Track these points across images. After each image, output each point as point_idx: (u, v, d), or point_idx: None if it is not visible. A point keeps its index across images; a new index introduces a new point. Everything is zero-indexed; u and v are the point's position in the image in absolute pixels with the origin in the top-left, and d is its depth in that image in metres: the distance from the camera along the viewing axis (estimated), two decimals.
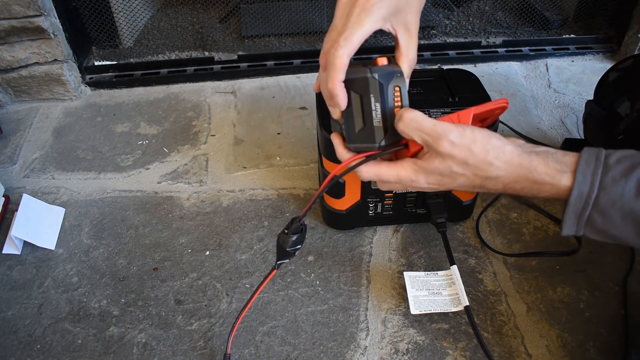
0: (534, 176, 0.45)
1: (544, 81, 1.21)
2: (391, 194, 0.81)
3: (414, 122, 0.46)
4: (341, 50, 0.48)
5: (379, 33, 1.28)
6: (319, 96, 0.81)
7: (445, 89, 0.79)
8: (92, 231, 0.89)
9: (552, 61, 1.27)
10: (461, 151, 0.45)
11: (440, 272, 0.77)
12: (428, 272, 0.77)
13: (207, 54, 1.26)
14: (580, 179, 0.43)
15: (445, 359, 0.70)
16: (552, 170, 0.44)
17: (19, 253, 0.86)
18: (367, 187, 0.79)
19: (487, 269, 0.82)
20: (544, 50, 1.28)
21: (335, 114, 0.53)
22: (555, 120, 1.10)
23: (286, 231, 0.59)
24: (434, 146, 0.46)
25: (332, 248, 0.85)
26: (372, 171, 0.51)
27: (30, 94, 1.18)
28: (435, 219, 0.80)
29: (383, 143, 0.51)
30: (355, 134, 0.52)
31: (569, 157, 0.45)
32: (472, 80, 0.82)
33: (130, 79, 1.23)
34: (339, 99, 0.50)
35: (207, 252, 0.85)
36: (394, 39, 0.52)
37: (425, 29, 1.29)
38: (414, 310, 0.72)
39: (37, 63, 1.12)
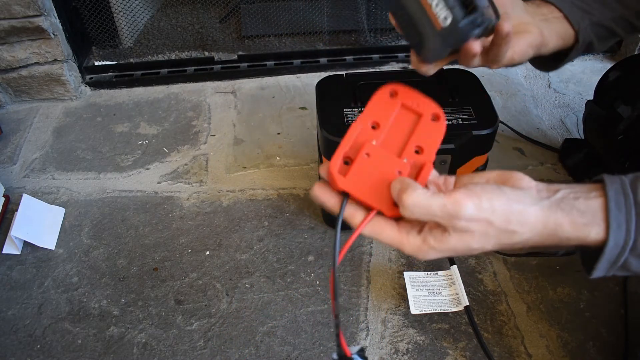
0: (560, 235, 0.41)
1: (544, 81, 1.21)
2: None
3: (419, 208, 0.39)
4: None
5: (379, 33, 1.28)
6: (319, 95, 0.82)
7: (445, 89, 0.79)
8: (92, 231, 0.89)
9: None
10: (480, 226, 0.40)
11: (440, 272, 0.77)
12: (428, 272, 0.77)
13: (207, 54, 1.26)
14: (615, 227, 0.40)
15: (445, 359, 0.70)
16: (579, 226, 0.41)
17: (19, 253, 0.86)
18: None
19: (487, 269, 0.82)
20: None
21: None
22: (555, 120, 1.10)
23: None
24: (449, 226, 0.40)
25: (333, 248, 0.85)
26: (371, 229, 0.43)
27: (30, 94, 1.18)
28: None
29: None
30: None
31: (595, 202, 0.41)
32: (472, 80, 0.82)
33: (130, 79, 1.23)
34: None
35: (207, 252, 0.85)
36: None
37: None
38: (414, 310, 0.72)
39: (37, 63, 1.12)
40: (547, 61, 0.59)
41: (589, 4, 0.55)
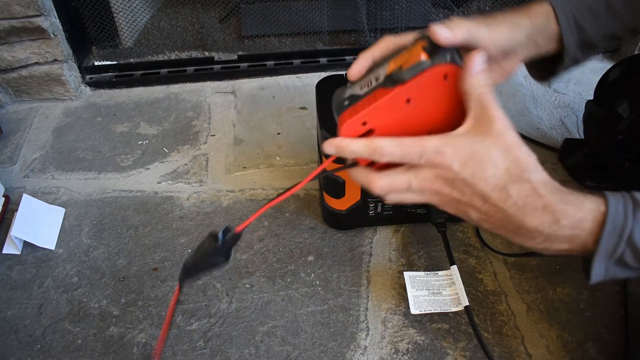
0: (556, 208, 0.39)
1: None
2: None
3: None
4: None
5: (379, 33, 1.28)
6: (319, 95, 0.82)
7: None
8: (92, 231, 0.89)
9: None
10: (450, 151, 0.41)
11: (440, 272, 0.77)
12: (428, 272, 0.77)
13: (207, 54, 1.26)
14: (613, 211, 0.38)
15: (445, 359, 0.70)
16: (576, 201, 0.39)
17: (19, 253, 0.86)
18: None
19: (487, 269, 0.82)
20: None
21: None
22: (555, 120, 1.10)
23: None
24: (486, 129, 0.40)
25: (332, 248, 0.85)
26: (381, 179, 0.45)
27: (30, 94, 1.18)
28: (435, 219, 0.80)
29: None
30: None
31: (589, 199, 0.40)
32: None
33: (130, 79, 1.23)
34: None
35: None
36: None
37: (425, 29, 1.29)
38: (414, 310, 0.72)
39: (37, 63, 1.12)
40: (544, 68, 0.57)
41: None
